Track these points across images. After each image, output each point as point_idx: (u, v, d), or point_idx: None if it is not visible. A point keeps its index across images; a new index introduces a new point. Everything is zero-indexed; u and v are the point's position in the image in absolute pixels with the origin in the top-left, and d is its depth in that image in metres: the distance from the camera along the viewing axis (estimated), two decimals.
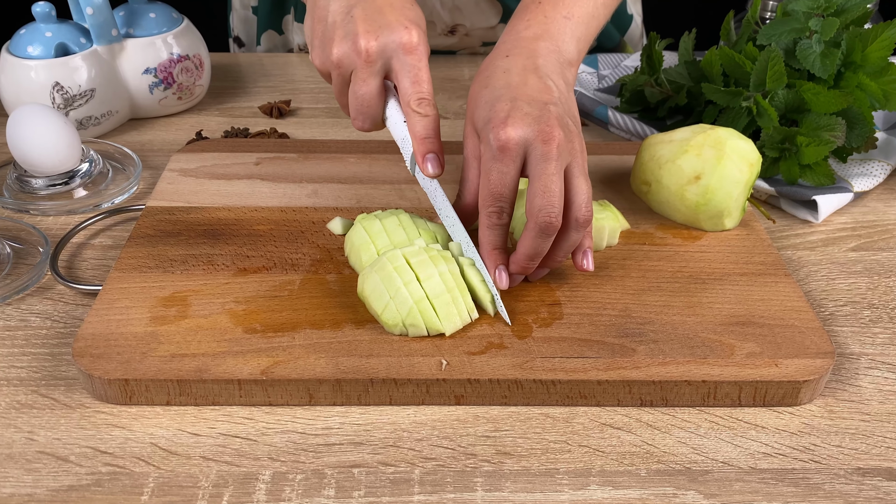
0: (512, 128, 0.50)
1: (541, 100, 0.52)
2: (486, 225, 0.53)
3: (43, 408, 0.49)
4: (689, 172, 0.60)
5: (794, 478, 0.46)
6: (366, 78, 0.54)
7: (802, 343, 0.51)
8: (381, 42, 0.53)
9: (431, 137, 0.54)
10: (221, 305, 0.54)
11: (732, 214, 0.62)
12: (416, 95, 0.54)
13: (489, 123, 0.52)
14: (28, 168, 0.69)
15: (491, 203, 0.52)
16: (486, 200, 0.52)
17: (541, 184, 0.50)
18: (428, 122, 0.54)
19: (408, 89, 0.54)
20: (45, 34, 0.74)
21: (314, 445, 0.47)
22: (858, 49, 0.69)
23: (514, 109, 0.51)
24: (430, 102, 0.54)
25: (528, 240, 0.51)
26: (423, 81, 0.54)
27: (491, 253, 0.53)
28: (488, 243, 0.53)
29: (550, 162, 0.50)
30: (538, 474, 0.46)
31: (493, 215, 0.52)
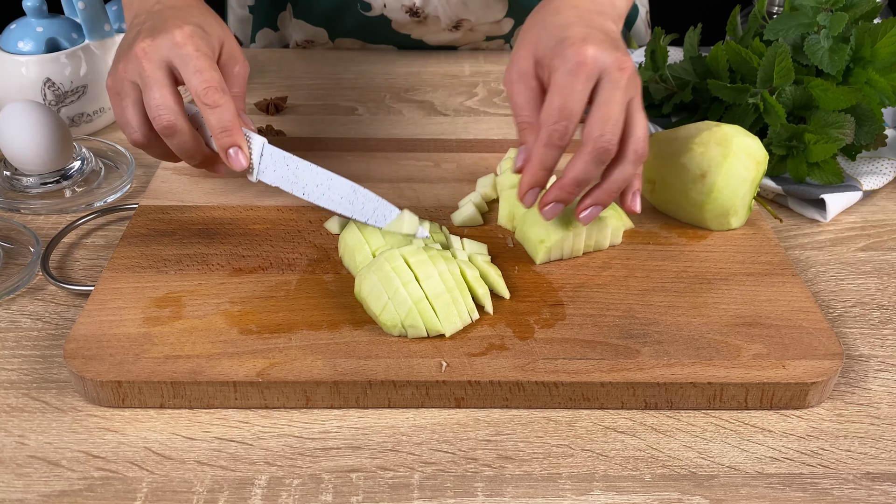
0: (592, 47, 0.50)
1: (611, 35, 0.53)
2: (543, 142, 0.50)
3: (34, 411, 0.49)
4: (694, 170, 0.60)
5: (801, 483, 0.46)
6: (151, 73, 0.54)
7: (810, 344, 0.51)
8: (157, 42, 0.54)
9: (228, 129, 0.55)
10: (216, 306, 0.54)
11: (739, 213, 0.62)
12: (201, 86, 0.54)
13: (564, 42, 0.50)
14: (19, 166, 0.69)
15: (557, 119, 0.50)
16: (553, 116, 0.50)
17: (606, 110, 0.49)
18: (221, 112, 0.54)
19: (192, 82, 0.54)
20: (35, 29, 0.74)
21: (311, 449, 0.47)
22: (868, 44, 0.69)
23: (590, 35, 0.51)
24: (217, 88, 0.54)
25: (580, 163, 0.50)
26: (204, 70, 0.54)
27: (538, 173, 0.51)
28: (539, 161, 0.51)
29: (619, 90, 0.50)
30: (540, 479, 0.46)
31: (556, 134, 0.50)
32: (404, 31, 0.97)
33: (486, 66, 0.97)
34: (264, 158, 0.57)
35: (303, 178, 0.57)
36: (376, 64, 0.97)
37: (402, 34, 0.98)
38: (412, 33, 0.98)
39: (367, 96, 0.89)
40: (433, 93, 0.90)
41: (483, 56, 1.00)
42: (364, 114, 0.85)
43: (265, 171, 0.58)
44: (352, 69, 0.95)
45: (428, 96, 0.89)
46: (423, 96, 0.89)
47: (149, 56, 0.54)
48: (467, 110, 0.86)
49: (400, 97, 0.89)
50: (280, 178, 0.57)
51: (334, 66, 0.96)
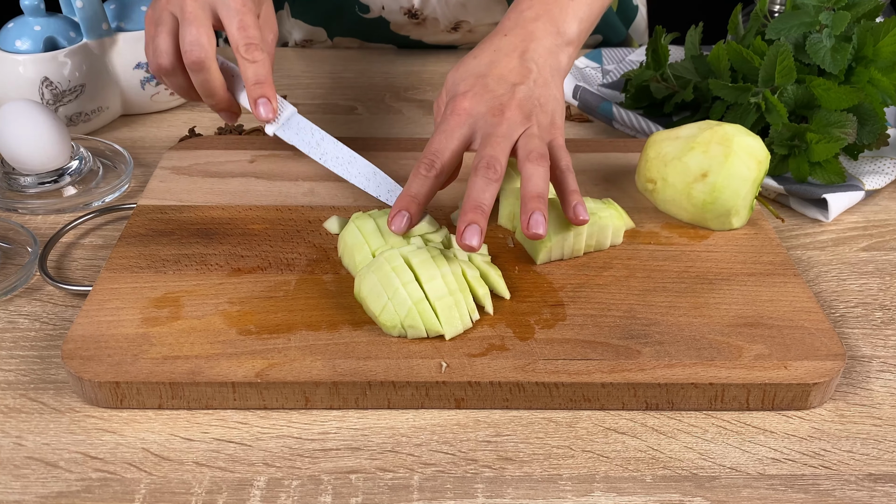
0: (468, 100, 0.56)
1: (510, 80, 0.57)
2: (413, 174, 0.55)
3: (31, 412, 0.49)
4: (695, 170, 0.60)
5: (803, 484, 0.46)
6: (194, 10, 0.57)
7: (812, 345, 0.51)
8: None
9: (262, 83, 0.59)
10: (215, 306, 0.54)
11: (740, 213, 0.62)
12: (243, 41, 0.58)
13: (452, 93, 0.57)
14: (16, 166, 0.69)
15: (426, 156, 0.55)
16: (425, 153, 0.55)
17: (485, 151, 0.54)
18: (258, 67, 0.59)
19: (234, 35, 0.58)
20: (33, 28, 0.74)
21: (310, 450, 0.47)
22: (870, 43, 0.69)
23: (476, 85, 0.56)
24: (258, 47, 0.58)
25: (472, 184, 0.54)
26: (249, 26, 0.58)
27: (405, 197, 0.55)
28: (408, 189, 0.55)
29: (495, 131, 0.55)
30: (540, 480, 0.46)
31: (423, 166, 0.55)
32: (403, 33, 0.97)
33: None
34: (291, 121, 0.62)
35: (325, 147, 0.62)
36: (376, 63, 0.97)
37: (401, 35, 0.98)
38: (411, 34, 0.98)
39: (367, 95, 0.89)
40: (433, 92, 0.90)
41: None
42: (363, 113, 0.85)
43: (285, 129, 0.62)
44: (351, 68, 0.95)
45: (428, 95, 0.89)
46: (423, 95, 0.89)
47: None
48: None
49: (400, 96, 0.89)
50: (299, 140, 0.62)
51: (333, 65, 0.96)
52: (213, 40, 0.59)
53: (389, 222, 0.55)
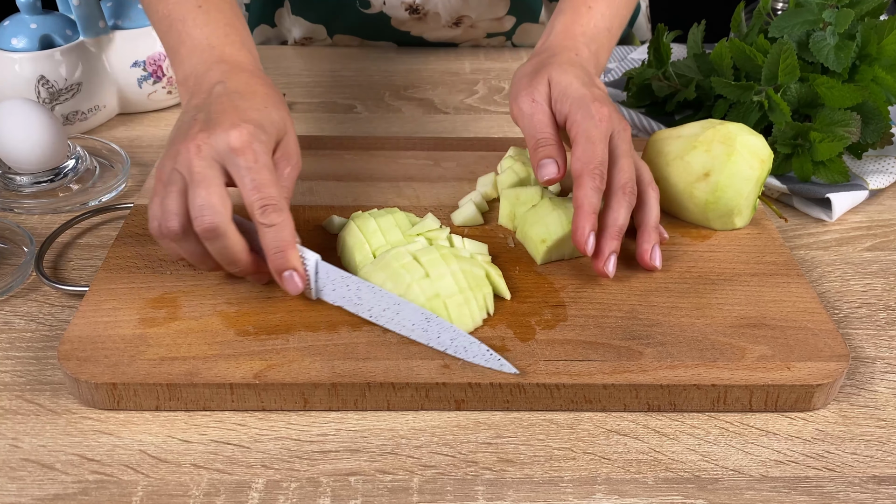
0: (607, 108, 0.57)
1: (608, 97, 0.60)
2: (590, 188, 0.55)
3: (28, 413, 0.49)
4: (697, 169, 0.60)
5: (807, 486, 0.46)
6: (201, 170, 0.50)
7: (816, 346, 0.51)
8: (212, 140, 0.51)
9: (284, 250, 0.51)
10: (213, 307, 0.54)
11: (743, 213, 0.62)
12: (258, 203, 0.50)
13: (584, 98, 0.57)
14: (12, 165, 0.69)
15: (596, 166, 0.55)
16: (592, 162, 0.55)
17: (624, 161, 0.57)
18: (277, 231, 0.51)
19: (249, 196, 0.50)
20: (29, 26, 0.74)
21: (309, 452, 0.47)
22: (874, 41, 0.69)
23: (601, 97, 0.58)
24: (276, 207, 0.51)
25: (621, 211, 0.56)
26: (264, 185, 0.50)
27: (591, 217, 0.55)
28: (591, 205, 0.55)
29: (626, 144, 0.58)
30: (541, 483, 0.46)
31: (598, 178, 0.55)
32: (404, 28, 0.97)
33: (486, 64, 0.97)
34: (320, 276, 0.53)
35: (366, 300, 0.52)
36: (375, 61, 0.97)
37: (402, 31, 0.98)
38: (412, 30, 0.98)
39: (367, 94, 0.89)
40: (433, 90, 0.90)
41: (484, 53, 1.00)
42: (363, 112, 0.85)
43: (324, 289, 0.54)
44: (351, 66, 0.95)
45: (428, 94, 0.89)
46: (423, 94, 0.89)
47: (202, 153, 0.50)
48: (468, 108, 0.86)
49: (399, 95, 0.89)
50: (341, 297, 0.53)
51: (333, 63, 0.96)
52: (226, 202, 0.50)
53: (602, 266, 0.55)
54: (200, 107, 0.54)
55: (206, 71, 0.56)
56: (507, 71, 0.95)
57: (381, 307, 0.52)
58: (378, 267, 0.53)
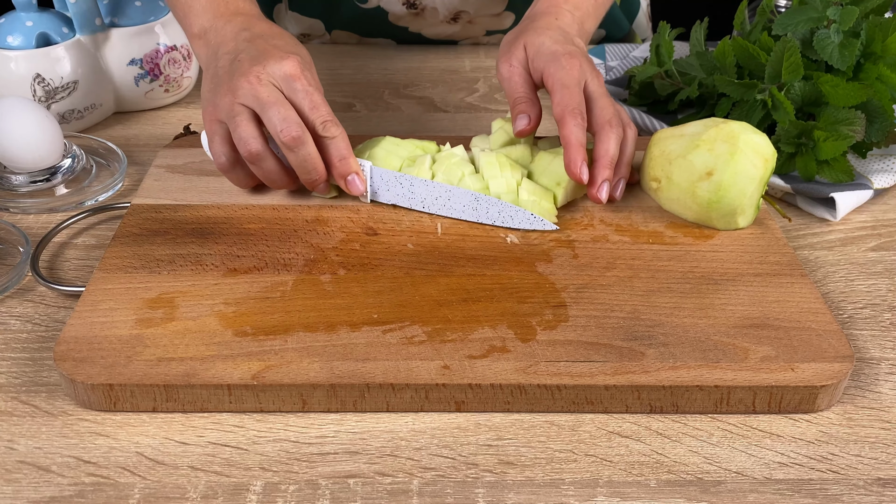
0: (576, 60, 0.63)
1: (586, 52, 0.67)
2: (573, 125, 0.60)
3: (23, 415, 0.49)
4: (700, 168, 0.61)
5: (811, 488, 0.46)
6: (269, 94, 0.58)
7: (820, 346, 0.51)
8: (269, 69, 0.59)
9: (346, 157, 0.61)
10: (210, 307, 0.54)
11: (746, 212, 0.62)
12: (319, 120, 0.59)
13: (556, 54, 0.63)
14: (8, 164, 0.69)
15: (576, 104, 0.61)
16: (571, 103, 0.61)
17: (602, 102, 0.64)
18: (338, 142, 0.60)
19: (310, 116, 0.59)
20: (25, 23, 0.74)
21: (308, 454, 0.47)
22: (878, 39, 0.69)
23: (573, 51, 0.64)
24: (334, 122, 0.60)
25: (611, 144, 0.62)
26: (320, 104, 0.60)
27: (581, 149, 0.60)
28: (577, 139, 0.60)
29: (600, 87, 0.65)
30: (542, 485, 0.46)
31: (578, 116, 0.61)
32: (402, 24, 0.97)
33: (486, 62, 0.97)
34: (374, 180, 0.63)
35: (419, 193, 0.63)
36: (374, 59, 0.97)
37: (400, 27, 0.98)
38: (410, 26, 0.97)
39: (365, 92, 0.89)
40: (433, 89, 0.90)
41: (484, 51, 1.00)
42: (362, 110, 0.85)
43: (378, 190, 0.63)
44: (349, 64, 0.95)
45: (427, 92, 0.89)
46: (423, 92, 0.89)
47: (262, 81, 0.58)
48: (468, 107, 0.86)
49: (399, 93, 0.89)
50: (395, 195, 0.63)
51: (331, 61, 0.96)
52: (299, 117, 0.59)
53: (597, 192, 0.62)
54: (236, 50, 0.61)
55: (226, 23, 0.64)
56: None
57: (433, 196, 0.62)
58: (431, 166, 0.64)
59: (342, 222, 0.63)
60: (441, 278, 0.57)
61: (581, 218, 0.64)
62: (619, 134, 0.62)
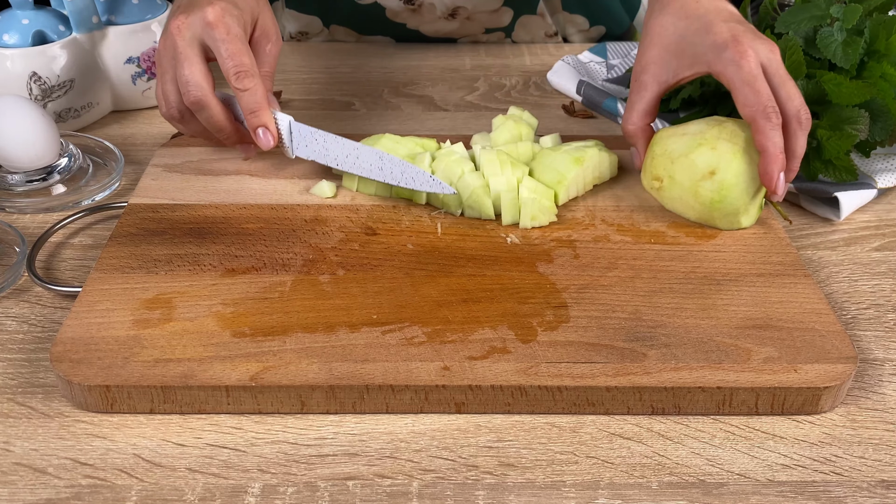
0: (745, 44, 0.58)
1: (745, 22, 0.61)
2: (769, 128, 0.57)
3: (19, 417, 0.49)
4: (703, 167, 0.60)
5: (814, 491, 0.46)
6: (182, 49, 0.60)
7: (823, 347, 0.51)
8: (190, 19, 0.60)
9: (257, 111, 0.61)
10: (208, 308, 0.54)
11: (749, 212, 0.62)
12: (233, 70, 0.60)
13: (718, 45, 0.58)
14: (3, 163, 0.69)
15: (766, 105, 0.57)
16: (761, 105, 0.57)
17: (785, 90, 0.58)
18: (250, 95, 0.60)
19: (224, 65, 0.60)
20: (21, 21, 0.74)
21: (306, 456, 0.47)
22: (882, 37, 0.69)
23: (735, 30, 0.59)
24: (248, 73, 0.60)
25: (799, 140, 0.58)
26: (236, 54, 0.60)
27: (778, 157, 0.57)
28: (774, 146, 0.57)
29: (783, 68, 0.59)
30: (543, 487, 0.46)
31: (773, 115, 0.57)
32: (399, 20, 0.97)
33: (487, 60, 0.97)
34: (294, 136, 0.64)
35: (332, 150, 0.64)
36: (373, 57, 0.97)
37: (398, 23, 0.98)
38: (408, 23, 0.97)
39: (365, 91, 0.89)
40: (433, 87, 0.90)
41: (484, 49, 1.00)
42: (361, 109, 0.85)
43: (298, 146, 0.65)
44: (348, 62, 0.95)
45: (427, 91, 0.89)
46: (423, 91, 0.89)
47: (181, 33, 0.60)
48: (468, 105, 0.86)
49: (398, 91, 0.89)
50: (312, 152, 0.64)
51: (330, 59, 0.96)
52: (207, 76, 0.61)
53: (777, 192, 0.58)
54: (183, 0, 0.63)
55: None
56: (507, 67, 0.95)
57: (344, 154, 0.63)
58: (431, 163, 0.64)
59: (341, 222, 0.63)
60: (441, 278, 0.57)
61: (582, 217, 0.64)
62: (806, 128, 0.58)
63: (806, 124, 0.58)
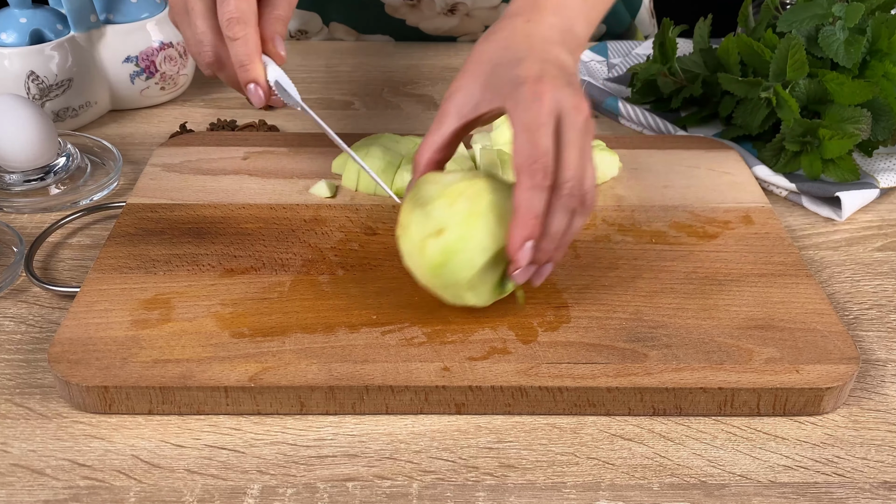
0: (548, 86, 0.49)
1: (567, 70, 0.51)
2: (527, 186, 0.47)
3: (17, 417, 0.49)
4: (434, 223, 0.50)
5: (816, 492, 0.46)
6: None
7: (825, 348, 0.51)
8: None
9: (245, 64, 0.55)
10: (207, 308, 0.54)
11: (478, 289, 0.51)
12: (224, 17, 0.54)
13: (518, 80, 0.49)
14: (1, 163, 0.69)
15: (535, 159, 0.47)
16: (530, 157, 0.47)
17: (567, 154, 0.48)
18: (240, 45, 0.54)
19: (219, 8, 0.54)
20: (19, 20, 0.74)
21: (306, 457, 0.47)
22: (885, 36, 0.69)
23: (545, 71, 0.50)
24: (239, 20, 0.54)
25: (555, 215, 0.48)
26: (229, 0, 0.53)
27: (529, 221, 0.47)
28: (528, 209, 0.47)
29: (578, 132, 0.48)
30: (544, 488, 0.46)
31: (538, 174, 0.47)
32: (398, 16, 0.97)
33: None
34: (287, 92, 0.58)
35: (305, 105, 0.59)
36: (373, 56, 0.97)
37: (397, 20, 0.98)
38: (407, 19, 0.97)
39: (364, 90, 0.89)
40: (432, 86, 0.90)
41: None
42: (360, 108, 0.85)
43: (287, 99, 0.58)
44: (348, 62, 0.95)
45: (427, 90, 0.89)
46: (423, 90, 0.89)
47: None
48: None
49: (398, 91, 0.89)
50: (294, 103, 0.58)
51: (329, 58, 0.96)
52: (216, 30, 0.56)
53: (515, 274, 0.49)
54: None
55: None
56: None
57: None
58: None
59: (340, 222, 0.63)
60: None
61: None
62: (574, 210, 0.49)
63: (571, 201, 0.48)
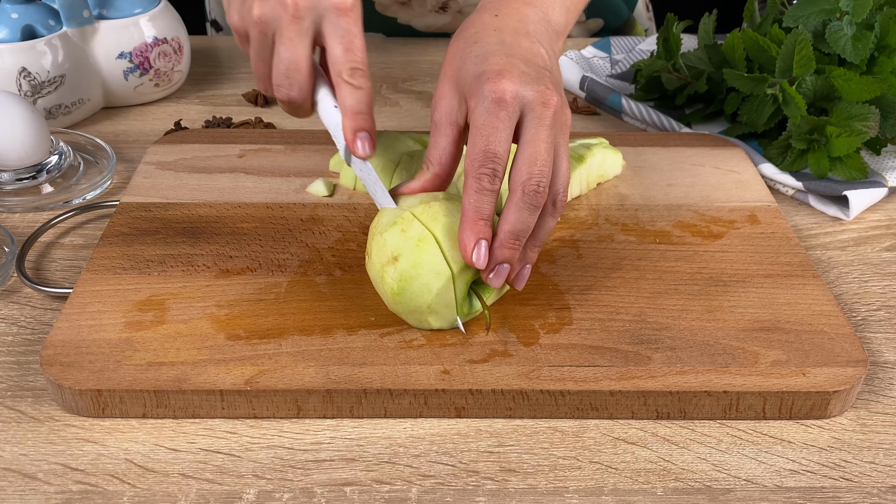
0: (509, 82, 0.48)
1: (536, 63, 0.51)
2: (474, 189, 0.48)
3: (9, 421, 0.49)
4: (389, 251, 0.50)
5: (823, 497, 0.46)
6: (292, 37, 0.52)
7: (832, 350, 0.51)
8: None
9: (364, 113, 0.53)
10: (202, 310, 0.54)
11: (440, 313, 0.51)
12: (348, 64, 0.52)
13: (482, 76, 0.49)
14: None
15: (483, 163, 0.47)
16: (477, 160, 0.48)
17: (531, 149, 0.48)
18: (361, 95, 0.52)
19: (340, 57, 0.52)
20: (10, 15, 0.74)
21: (303, 462, 0.47)
22: (893, 31, 0.69)
23: (510, 65, 0.49)
24: (364, 73, 0.53)
25: (512, 213, 0.48)
26: (358, 49, 0.52)
27: (476, 223, 0.48)
28: (475, 212, 0.48)
29: (545, 128, 0.48)
30: (546, 493, 0.46)
31: (485, 177, 0.47)
32: (389, 14, 0.97)
33: None
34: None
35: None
36: (371, 52, 0.97)
37: (388, 18, 0.97)
38: (399, 17, 0.97)
39: None
40: (431, 83, 0.90)
41: None
42: None
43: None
44: None
45: (426, 86, 0.89)
46: (422, 87, 0.89)
47: (299, 16, 0.51)
48: None
49: (397, 87, 0.89)
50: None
51: None
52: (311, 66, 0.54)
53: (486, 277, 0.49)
54: None
55: None
56: None
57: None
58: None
59: (338, 221, 0.63)
60: None
61: (585, 217, 0.64)
62: (531, 204, 0.48)
63: (535, 199, 0.47)
